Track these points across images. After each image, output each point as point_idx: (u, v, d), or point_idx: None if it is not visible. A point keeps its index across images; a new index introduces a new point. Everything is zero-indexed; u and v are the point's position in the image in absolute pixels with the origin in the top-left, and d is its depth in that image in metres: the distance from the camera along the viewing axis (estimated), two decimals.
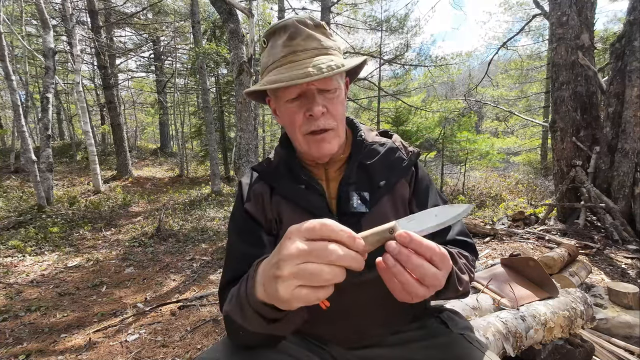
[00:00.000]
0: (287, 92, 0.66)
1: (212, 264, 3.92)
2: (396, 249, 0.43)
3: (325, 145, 0.68)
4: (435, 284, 0.45)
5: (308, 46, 0.66)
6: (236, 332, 0.57)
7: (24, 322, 2.49)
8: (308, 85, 0.65)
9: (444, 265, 0.46)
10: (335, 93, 0.68)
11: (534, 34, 13.29)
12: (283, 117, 0.72)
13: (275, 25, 0.69)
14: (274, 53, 0.68)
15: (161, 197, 8.62)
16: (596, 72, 3.75)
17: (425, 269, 0.44)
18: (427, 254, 0.44)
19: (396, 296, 0.48)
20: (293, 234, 0.41)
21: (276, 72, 0.65)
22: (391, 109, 12.28)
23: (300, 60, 0.64)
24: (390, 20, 11.29)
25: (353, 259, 0.39)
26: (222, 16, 4.09)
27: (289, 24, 0.66)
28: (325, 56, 0.65)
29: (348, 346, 0.72)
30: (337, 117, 0.69)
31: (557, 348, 1.26)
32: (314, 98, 0.65)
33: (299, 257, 0.39)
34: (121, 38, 13.81)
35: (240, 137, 4.03)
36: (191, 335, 2.18)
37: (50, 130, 6.71)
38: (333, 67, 0.62)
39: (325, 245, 0.39)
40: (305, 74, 0.61)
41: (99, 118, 14.86)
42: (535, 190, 9.11)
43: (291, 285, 0.39)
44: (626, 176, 3.38)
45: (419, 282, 0.44)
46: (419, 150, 0.80)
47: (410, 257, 0.43)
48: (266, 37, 0.71)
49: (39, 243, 4.69)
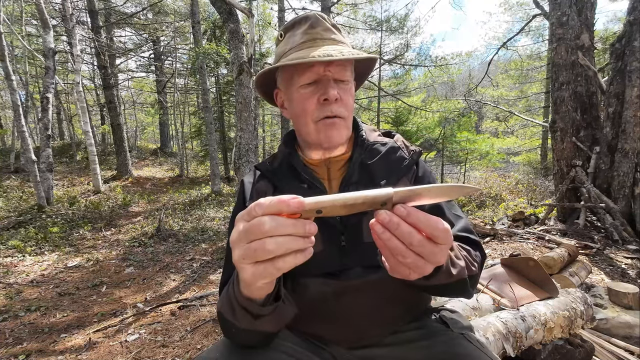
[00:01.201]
0: (303, 75, 0.67)
1: (212, 264, 3.92)
2: (386, 218, 0.40)
3: (335, 131, 0.69)
4: (432, 259, 0.42)
5: (327, 36, 0.69)
6: (229, 329, 0.58)
7: (23, 322, 2.49)
8: (325, 72, 0.66)
9: (445, 241, 0.42)
10: (348, 85, 0.70)
11: (534, 34, 13.30)
12: (294, 105, 0.72)
13: (296, 18, 0.71)
14: (292, 41, 0.70)
15: (161, 197, 8.61)
16: (596, 72, 3.75)
17: (415, 235, 0.40)
18: (429, 230, 0.40)
19: (391, 270, 0.45)
20: (237, 221, 0.41)
21: (295, 54, 0.67)
22: (391, 109, 12.29)
23: (320, 46, 0.66)
24: (390, 21, 11.30)
25: (291, 225, 0.38)
26: (222, 16, 4.09)
27: (310, 16, 0.70)
28: (342, 47, 0.68)
29: (348, 346, 0.72)
30: (349, 107, 0.71)
31: (557, 348, 1.26)
32: (329, 83, 0.67)
33: (240, 239, 0.40)
34: (121, 38, 13.82)
35: (240, 137, 4.03)
36: (191, 335, 2.18)
37: (50, 130, 6.71)
38: (353, 53, 0.65)
39: (257, 220, 0.38)
40: (326, 54, 0.62)
41: (99, 118, 14.87)
42: (535, 191, 9.10)
43: (247, 267, 0.40)
44: (626, 176, 3.38)
45: (412, 250, 0.41)
46: (421, 149, 0.79)
47: (400, 225, 0.40)
48: (284, 30, 0.73)
49: (39, 243, 4.69)
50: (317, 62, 0.64)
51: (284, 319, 0.58)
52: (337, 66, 0.67)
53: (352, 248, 0.68)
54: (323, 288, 0.67)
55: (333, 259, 0.68)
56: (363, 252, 0.67)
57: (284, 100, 0.75)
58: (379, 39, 11.78)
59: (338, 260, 0.68)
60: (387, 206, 0.41)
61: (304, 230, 0.38)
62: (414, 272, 0.44)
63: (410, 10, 12.64)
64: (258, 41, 13.06)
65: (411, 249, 0.41)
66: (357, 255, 0.67)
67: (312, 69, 0.66)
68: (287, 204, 0.38)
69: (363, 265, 0.67)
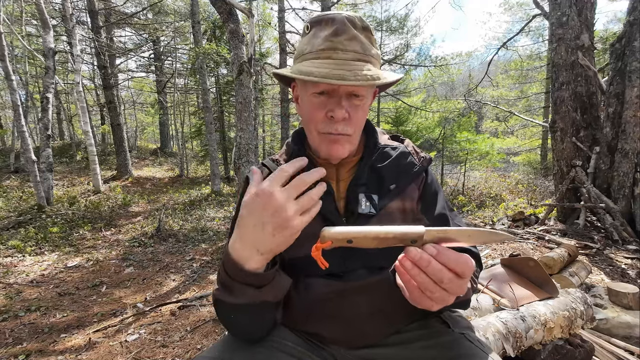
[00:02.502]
0: (315, 85, 0.65)
1: (212, 264, 3.91)
2: (417, 255, 0.43)
3: (337, 148, 0.68)
4: (458, 292, 0.45)
5: (349, 47, 0.64)
6: (227, 315, 0.59)
7: (23, 322, 2.49)
8: (338, 86, 0.64)
9: (469, 274, 0.45)
10: (362, 101, 0.67)
11: (534, 34, 13.30)
12: (304, 108, 0.71)
13: (324, 16, 0.67)
14: (313, 43, 0.66)
15: (161, 197, 8.61)
16: (596, 72, 3.75)
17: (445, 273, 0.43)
18: (459, 269, 0.44)
19: (414, 301, 0.48)
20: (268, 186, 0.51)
21: (310, 64, 0.64)
22: (391, 109, 12.31)
23: (339, 60, 0.63)
24: (390, 21, 11.32)
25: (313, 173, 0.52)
26: (222, 16, 4.09)
27: (337, 19, 0.64)
28: (364, 63, 0.64)
29: (349, 346, 0.72)
30: (357, 125, 0.69)
31: (557, 348, 1.26)
32: (339, 101, 0.64)
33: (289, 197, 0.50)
34: (121, 38, 13.83)
35: (240, 137, 4.03)
36: (191, 335, 2.18)
37: (50, 130, 6.71)
38: (368, 78, 0.60)
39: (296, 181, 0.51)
40: (340, 75, 0.59)
41: (99, 118, 14.87)
42: (535, 191, 9.10)
43: (297, 218, 0.50)
44: (626, 176, 3.38)
45: (441, 287, 0.44)
46: (431, 157, 0.80)
47: (430, 263, 0.43)
48: (311, 24, 0.69)
49: (39, 243, 4.69)
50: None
51: (282, 288, 0.60)
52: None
53: (355, 250, 0.68)
54: (326, 288, 0.68)
55: (336, 260, 0.68)
56: (366, 254, 0.66)
57: (299, 96, 0.74)
58: (379, 39, 11.80)
59: (341, 261, 0.68)
60: (418, 244, 0.43)
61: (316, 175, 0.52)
62: (437, 304, 0.47)
63: (410, 11, 12.69)
64: (258, 41, 13.05)
65: (440, 286, 0.44)
66: (360, 256, 0.67)
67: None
68: (309, 175, 0.51)
69: (366, 267, 0.68)
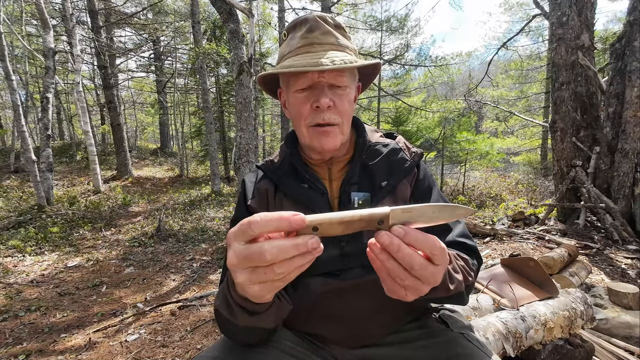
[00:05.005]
0: (298, 81, 0.68)
1: (212, 264, 3.92)
2: (387, 239, 0.39)
3: (328, 139, 0.69)
4: (430, 281, 0.42)
5: (325, 40, 0.68)
6: (227, 327, 0.59)
7: (23, 322, 2.49)
8: (319, 78, 0.66)
9: (443, 261, 0.42)
10: (344, 90, 0.69)
11: (534, 34, 13.31)
12: (291, 108, 0.73)
13: (297, 19, 0.71)
14: (291, 44, 0.70)
15: (161, 197, 8.61)
16: (596, 72, 3.75)
17: (416, 259, 0.40)
18: (427, 250, 0.40)
19: (388, 290, 0.45)
20: (230, 240, 0.40)
21: (290, 61, 0.67)
22: (391, 109, 12.30)
23: (315, 52, 0.66)
24: (390, 21, 11.31)
25: (293, 248, 0.36)
26: (222, 16, 4.09)
27: (309, 18, 0.69)
28: (340, 52, 0.67)
29: (348, 345, 0.72)
30: (343, 113, 0.70)
31: (557, 348, 1.26)
32: (322, 90, 0.66)
33: (241, 264, 0.38)
34: (121, 38, 13.82)
35: (240, 137, 4.03)
36: (191, 335, 2.18)
37: (50, 130, 6.71)
38: (346, 62, 0.64)
39: (258, 248, 0.37)
40: (317, 63, 0.62)
41: (99, 118, 14.86)
42: (535, 191, 9.11)
43: (253, 287, 0.40)
44: (626, 176, 3.38)
45: (411, 274, 0.41)
46: (422, 151, 0.79)
47: (400, 247, 0.39)
48: (287, 30, 0.73)
49: (39, 243, 4.69)
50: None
51: (281, 314, 0.59)
52: (331, 72, 0.67)
53: (352, 248, 0.68)
54: (323, 287, 0.68)
55: (334, 259, 0.68)
56: (363, 253, 0.67)
57: (286, 100, 0.76)
58: (379, 39, 11.80)
59: (339, 260, 0.68)
60: (384, 225, 0.41)
61: (307, 248, 0.37)
62: (411, 294, 0.44)
63: (410, 11, 12.68)
64: (258, 41, 13.04)
65: (410, 272, 0.41)
66: (357, 255, 0.67)
67: (306, 75, 0.66)
68: (289, 221, 0.36)
69: (363, 265, 0.68)
